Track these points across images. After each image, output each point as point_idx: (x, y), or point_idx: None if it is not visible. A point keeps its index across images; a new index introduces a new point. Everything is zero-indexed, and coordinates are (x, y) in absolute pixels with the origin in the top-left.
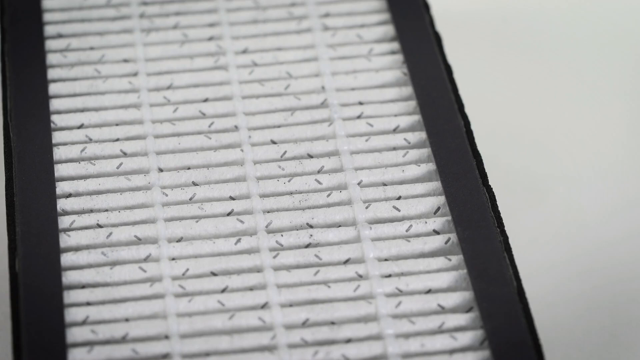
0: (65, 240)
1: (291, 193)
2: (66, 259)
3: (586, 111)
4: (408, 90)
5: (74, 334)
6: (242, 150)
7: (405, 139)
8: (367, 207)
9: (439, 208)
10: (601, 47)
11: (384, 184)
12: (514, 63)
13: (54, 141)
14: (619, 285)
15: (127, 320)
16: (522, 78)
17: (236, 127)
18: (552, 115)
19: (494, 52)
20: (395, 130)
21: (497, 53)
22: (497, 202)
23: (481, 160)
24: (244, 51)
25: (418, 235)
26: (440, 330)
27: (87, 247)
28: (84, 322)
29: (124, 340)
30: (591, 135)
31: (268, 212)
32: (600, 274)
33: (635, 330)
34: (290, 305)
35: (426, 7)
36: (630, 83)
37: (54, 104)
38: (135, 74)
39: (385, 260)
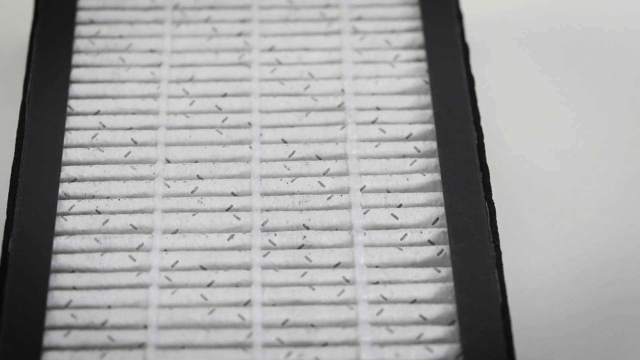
0: (61, 224)
1: (292, 193)
2: (59, 242)
3: (612, 122)
4: (427, 98)
5: (53, 317)
6: (250, 147)
7: (415, 148)
8: (365, 213)
9: (437, 219)
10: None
11: (388, 191)
12: (556, 74)
13: (67, 126)
14: (621, 286)
15: (109, 307)
16: (563, 92)
17: (249, 124)
18: (578, 125)
19: (531, 63)
20: (407, 138)
21: (535, 63)
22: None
23: (488, 173)
24: (271, 49)
25: (412, 245)
26: (417, 341)
27: (83, 233)
28: (66, 306)
29: (102, 326)
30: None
31: (267, 210)
32: (604, 275)
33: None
34: (274, 305)
35: (459, 17)
36: None
37: (74, 89)
38: (159, 65)
39: (376, 267)
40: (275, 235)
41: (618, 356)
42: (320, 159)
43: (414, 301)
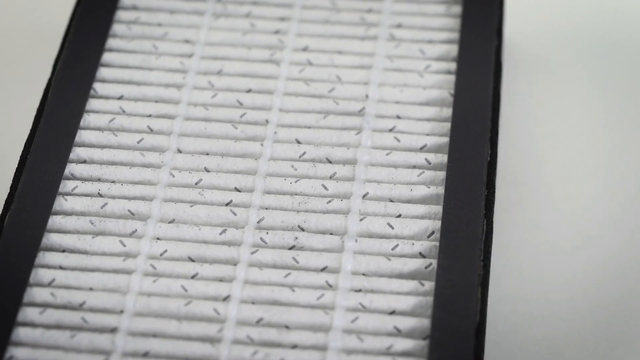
0: (61, 203)
1: (294, 194)
2: (54, 221)
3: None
4: (448, 111)
5: (33, 294)
6: (262, 145)
7: (426, 159)
8: (361, 220)
9: (433, 232)
10: None
11: (391, 200)
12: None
13: (87, 107)
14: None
15: (91, 289)
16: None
17: (267, 121)
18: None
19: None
20: (421, 149)
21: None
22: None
23: (493, 192)
24: (304, 49)
25: (402, 256)
26: (386, 352)
27: (80, 214)
28: (49, 284)
29: (80, 308)
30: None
31: (265, 209)
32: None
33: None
34: (253, 303)
35: (498, 33)
36: None
37: (102, 73)
38: (190, 56)
39: (363, 275)
40: (267, 233)
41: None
42: (330, 162)
43: (392, 312)
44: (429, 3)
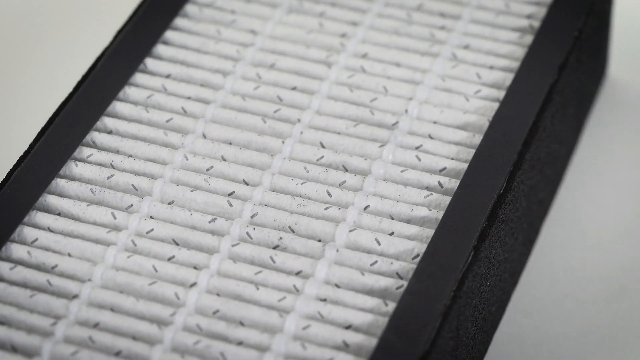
0: (70, 168)
1: (295, 195)
2: (57, 184)
3: None
4: (480, 138)
5: (10, 250)
6: (282, 142)
7: (439, 182)
8: (350, 231)
9: (418, 255)
10: None
11: (392, 217)
12: None
13: (131, 81)
14: None
15: (69, 255)
16: None
17: (299, 120)
18: None
19: None
20: (440, 172)
21: None
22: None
23: (493, 224)
24: (363, 56)
25: (378, 273)
26: None
27: (87, 182)
28: (30, 243)
29: (50, 270)
30: None
31: (265, 205)
32: None
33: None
34: (217, 294)
35: (561, 68)
36: None
37: (158, 49)
38: (248, 45)
39: (336, 285)
40: (254, 229)
41: None
42: (346, 170)
43: (348, 327)
44: (504, 29)
